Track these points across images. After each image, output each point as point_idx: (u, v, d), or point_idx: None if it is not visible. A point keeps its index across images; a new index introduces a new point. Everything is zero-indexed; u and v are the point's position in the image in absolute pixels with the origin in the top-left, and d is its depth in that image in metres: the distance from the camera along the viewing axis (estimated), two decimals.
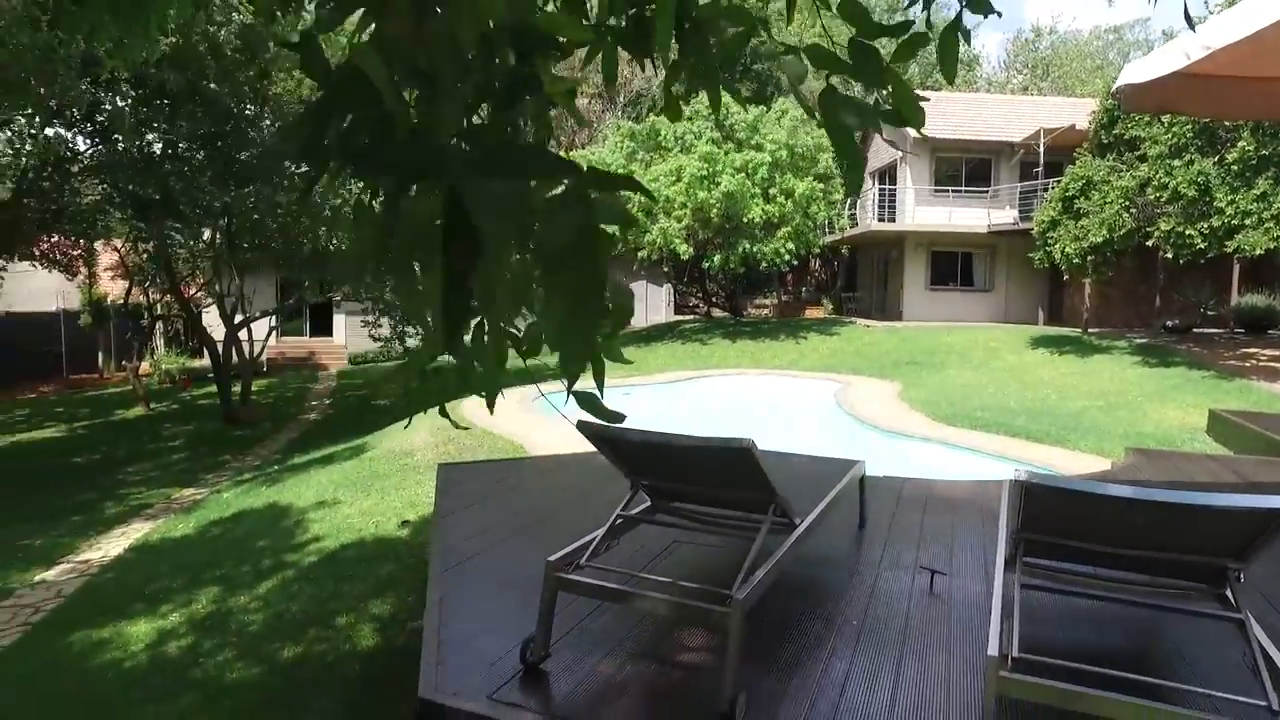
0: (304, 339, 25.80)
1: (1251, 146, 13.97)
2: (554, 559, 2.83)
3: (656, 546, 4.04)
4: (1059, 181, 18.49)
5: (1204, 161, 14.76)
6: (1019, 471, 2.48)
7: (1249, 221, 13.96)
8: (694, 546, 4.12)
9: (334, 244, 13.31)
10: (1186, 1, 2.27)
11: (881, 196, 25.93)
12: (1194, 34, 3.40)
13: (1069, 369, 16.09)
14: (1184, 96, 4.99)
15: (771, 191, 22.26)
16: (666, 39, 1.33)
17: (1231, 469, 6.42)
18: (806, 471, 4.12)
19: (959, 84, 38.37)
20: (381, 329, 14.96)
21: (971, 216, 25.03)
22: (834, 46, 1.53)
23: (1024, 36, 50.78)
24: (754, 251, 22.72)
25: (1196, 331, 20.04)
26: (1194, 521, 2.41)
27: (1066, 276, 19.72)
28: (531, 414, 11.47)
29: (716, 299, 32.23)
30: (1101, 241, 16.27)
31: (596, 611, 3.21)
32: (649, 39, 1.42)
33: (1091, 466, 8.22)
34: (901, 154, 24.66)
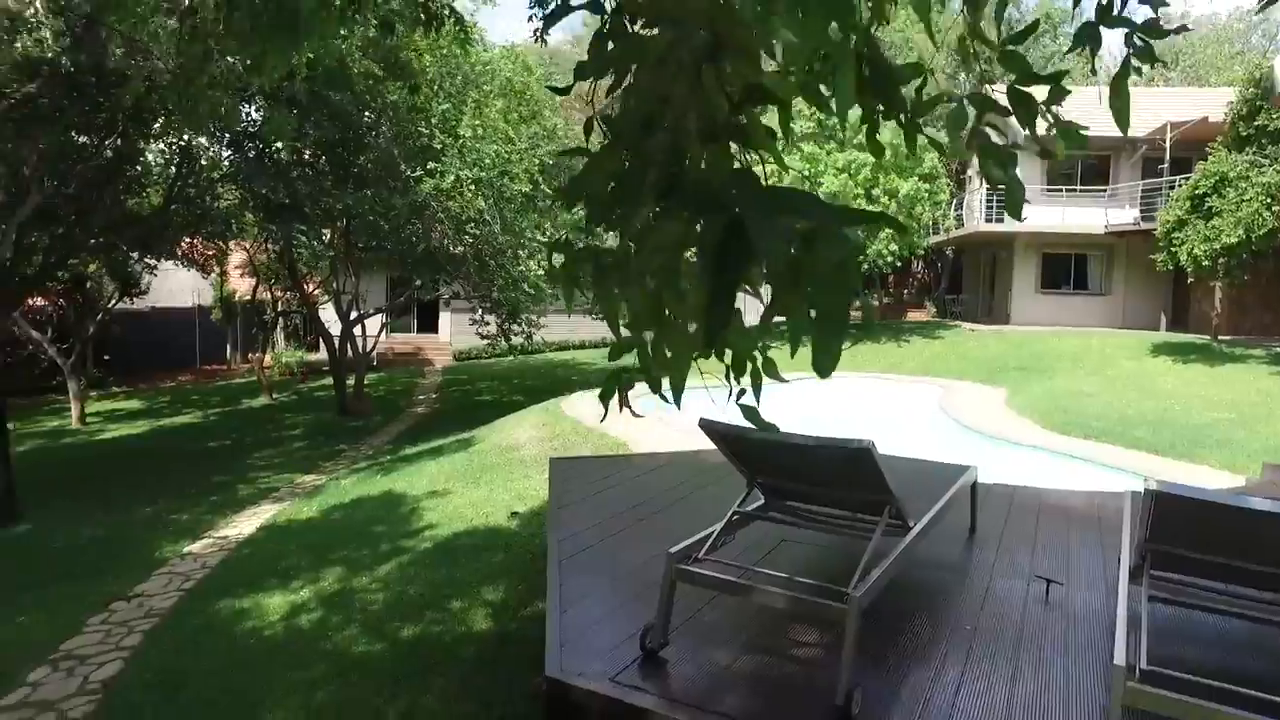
0: (411, 335, 26.90)
1: None
2: (674, 551, 2.95)
3: (766, 543, 4.11)
4: (1187, 179, 17.44)
5: None
6: (1150, 480, 2.44)
7: None
8: (803, 544, 4.17)
9: (457, 248, 13.87)
10: None
11: (990, 196, 25.06)
12: None
13: (1196, 378, 15.17)
14: None
15: (875, 192, 21.86)
16: (847, 101, 1.45)
17: None
18: (917, 475, 4.11)
19: (1074, 78, 36.56)
20: (488, 326, 15.51)
21: (1087, 216, 23.87)
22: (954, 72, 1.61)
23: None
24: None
25: None
26: None
27: (1193, 280, 18.60)
28: (636, 409, 11.65)
29: None
30: (1237, 243, 15.26)
31: (711, 603, 3.32)
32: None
33: (1222, 483, 7.79)
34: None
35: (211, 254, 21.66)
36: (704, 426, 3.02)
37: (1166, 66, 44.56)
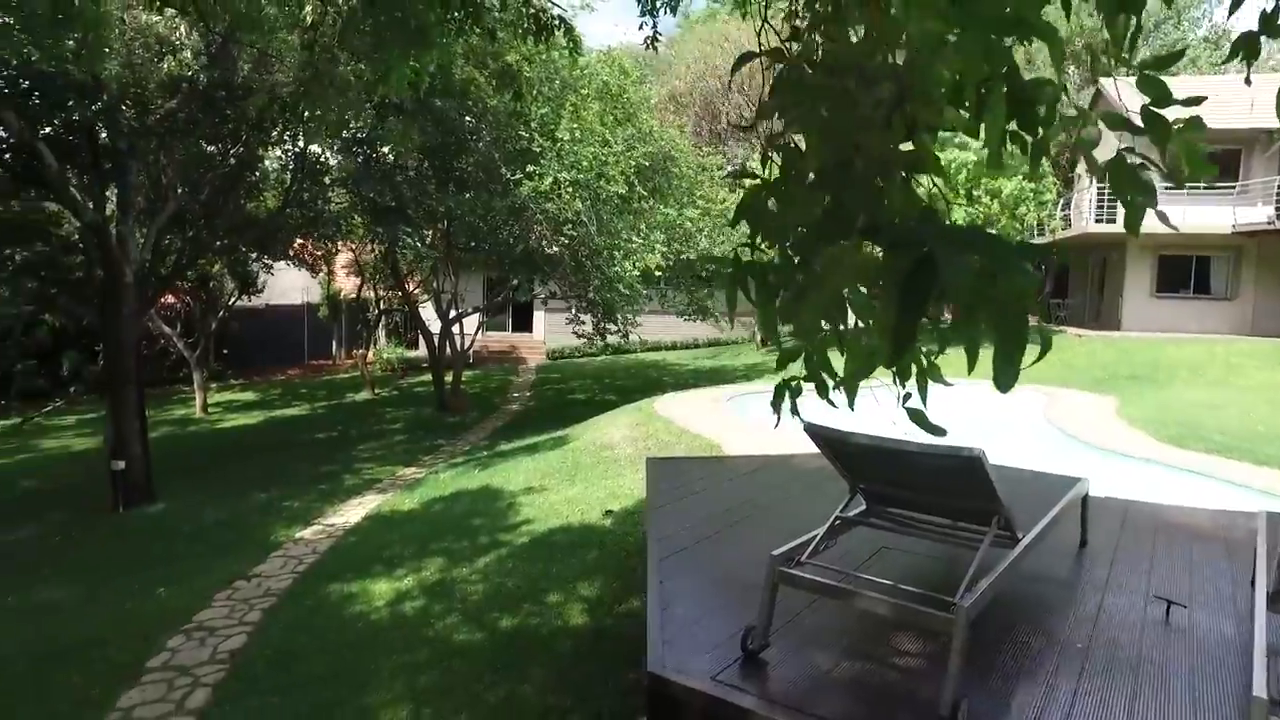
0: (506, 334, 27.57)
1: None
2: (776, 554, 2.96)
3: (864, 549, 4.06)
4: None
5: None
6: None
7: None
8: (903, 552, 4.10)
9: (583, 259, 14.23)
10: None
11: (1101, 195, 23.83)
12: None
13: None
14: None
15: (976, 193, 21.12)
16: (999, 128, 1.50)
17: None
18: (1026, 486, 3.99)
19: (1201, 65, 34.39)
20: (584, 325, 15.78)
21: (1211, 215, 22.38)
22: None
23: None
24: None
25: None
26: None
27: None
28: (726, 415, 11.64)
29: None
30: None
31: (811, 607, 3.31)
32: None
33: None
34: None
35: (320, 254, 22.76)
36: (809, 430, 3.02)
37: None
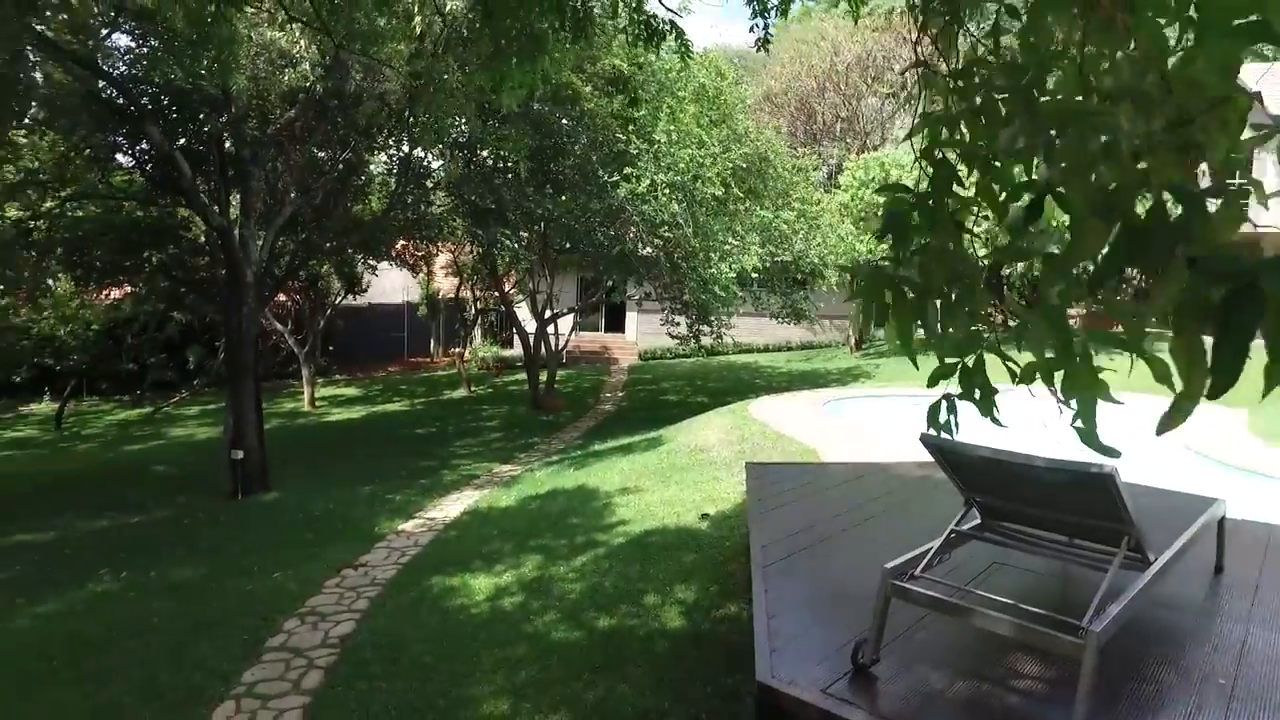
0: (598, 334, 27.87)
1: None
2: (890, 567, 2.89)
3: (975, 564, 3.92)
4: None
5: None
6: None
7: None
8: (1017, 568, 3.94)
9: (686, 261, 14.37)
10: None
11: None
12: None
13: None
14: None
15: None
16: (1237, 136, 1.45)
17: None
18: (1156, 505, 3.76)
19: None
20: (678, 326, 15.81)
21: None
22: None
23: None
24: None
25: None
26: None
27: None
28: (823, 420, 11.44)
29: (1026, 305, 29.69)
30: None
31: (922, 622, 3.21)
32: None
33: None
34: None
35: (420, 255, 23.58)
36: (925, 442, 2.93)
37: None
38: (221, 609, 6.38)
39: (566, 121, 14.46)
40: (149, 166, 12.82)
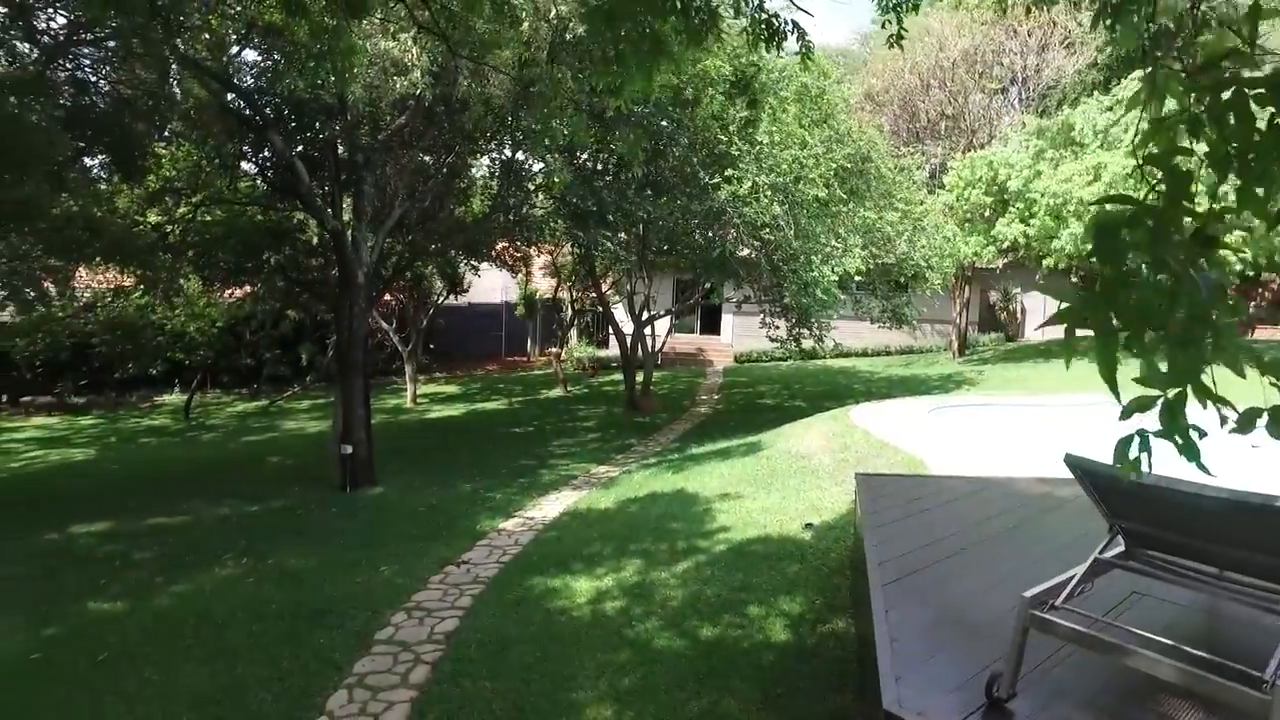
0: (693, 336, 27.80)
1: None
2: (1030, 596, 2.70)
3: (1113, 594, 3.65)
4: None
5: None
6: None
7: None
8: (1156, 600, 3.65)
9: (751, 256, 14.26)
10: None
11: None
12: None
13: None
14: None
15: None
16: None
17: None
18: None
19: None
20: (778, 330, 15.58)
21: None
22: None
23: None
24: None
25: None
26: None
27: None
28: (929, 429, 11.02)
29: None
30: None
31: (1057, 654, 3.00)
32: None
33: None
34: None
35: (519, 256, 24.05)
36: (1070, 463, 2.73)
37: None
38: (333, 599, 6.60)
39: (666, 123, 14.45)
40: (270, 173, 13.53)
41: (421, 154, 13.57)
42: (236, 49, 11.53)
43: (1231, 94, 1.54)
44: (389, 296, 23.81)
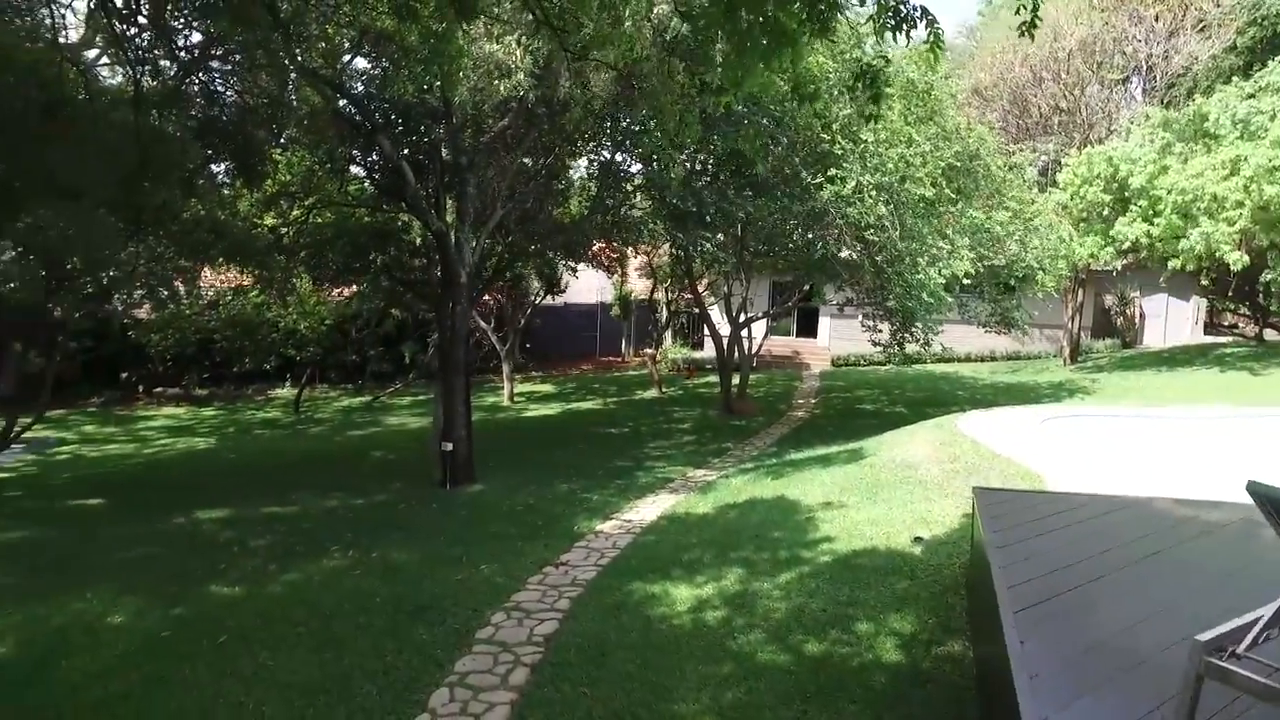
0: (789, 339, 27.33)
1: None
2: (1205, 640, 2.40)
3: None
4: None
5: None
6: None
7: None
8: None
9: (850, 253, 13.86)
10: None
11: None
12: None
13: None
14: None
15: None
16: None
17: None
18: None
19: None
20: (881, 334, 15.08)
21: None
22: None
23: None
24: None
25: None
26: None
27: None
28: (1045, 440, 10.42)
29: (1275, 318, 25.88)
30: None
31: (1230, 709, 2.68)
32: None
33: None
34: None
35: (616, 257, 24.19)
36: (1254, 491, 2.43)
37: None
38: (434, 594, 6.69)
39: (767, 122, 14.19)
40: (378, 176, 13.99)
41: (522, 156, 13.75)
42: (348, 57, 11.97)
43: None
44: (488, 296, 24.34)
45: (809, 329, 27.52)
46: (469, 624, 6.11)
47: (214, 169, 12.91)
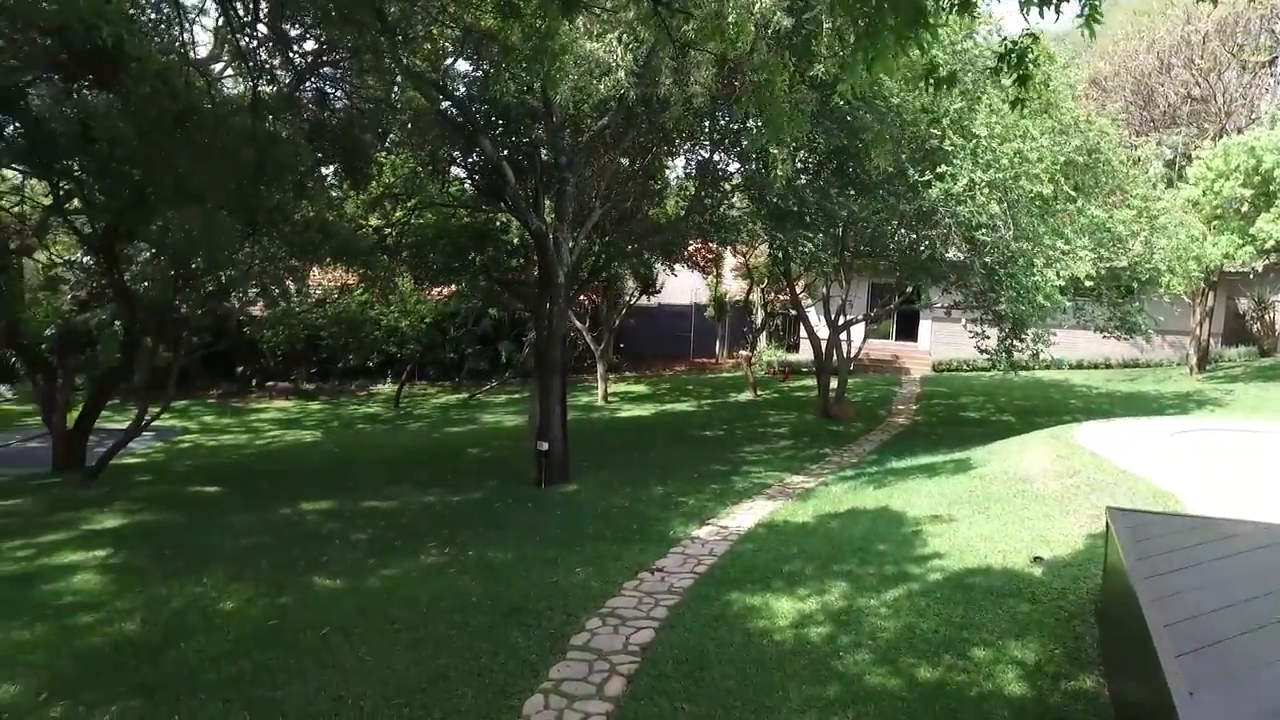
0: (888, 342, 26.44)
1: None
2: None
3: None
4: None
5: None
6: None
7: None
8: None
9: (956, 253, 13.24)
10: None
11: None
12: None
13: None
14: None
15: None
16: None
17: None
18: None
19: None
20: (989, 340, 14.30)
21: None
22: None
23: None
24: None
25: None
26: None
27: None
28: (1177, 456, 9.62)
29: None
30: None
31: None
32: None
33: None
34: None
35: (711, 258, 23.95)
36: None
37: None
38: (529, 596, 6.64)
39: (870, 116, 13.67)
40: (478, 176, 14.20)
41: (620, 156, 13.69)
42: (451, 60, 12.17)
43: None
44: (582, 296, 24.50)
45: (909, 332, 26.54)
46: (564, 628, 6.02)
47: (323, 171, 13.38)
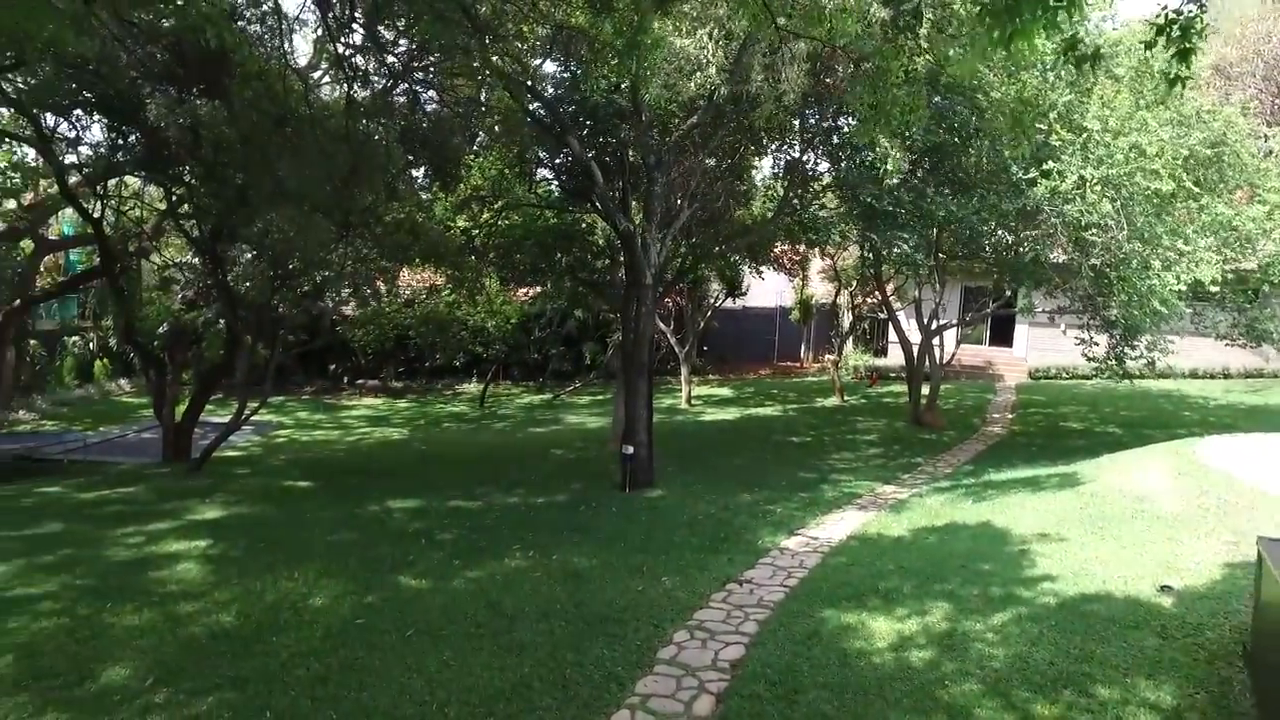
0: (981, 348, 25.34)
1: None
2: None
3: None
4: None
5: None
6: None
7: None
8: None
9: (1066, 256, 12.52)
10: None
11: None
12: None
13: None
14: None
15: None
16: None
17: None
18: None
19: None
20: (1097, 348, 13.43)
21: None
22: None
23: None
24: None
25: None
26: None
27: None
28: None
29: None
30: None
31: None
32: None
33: None
34: None
35: (798, 260, 23.42)
36: None
37: None
38: (614, 605, 6.49)
39: (966, 110, 13.03)
40: (565, 177, 14.19)
41: (708, 156, 13.45)
42: (539, 60, 12.17)
43: None
44: (666, 298, 24.33)
45: (1003, 337, 25.35)
46: (650, 640, 5.85)
47: (413, 173, 13.60)
